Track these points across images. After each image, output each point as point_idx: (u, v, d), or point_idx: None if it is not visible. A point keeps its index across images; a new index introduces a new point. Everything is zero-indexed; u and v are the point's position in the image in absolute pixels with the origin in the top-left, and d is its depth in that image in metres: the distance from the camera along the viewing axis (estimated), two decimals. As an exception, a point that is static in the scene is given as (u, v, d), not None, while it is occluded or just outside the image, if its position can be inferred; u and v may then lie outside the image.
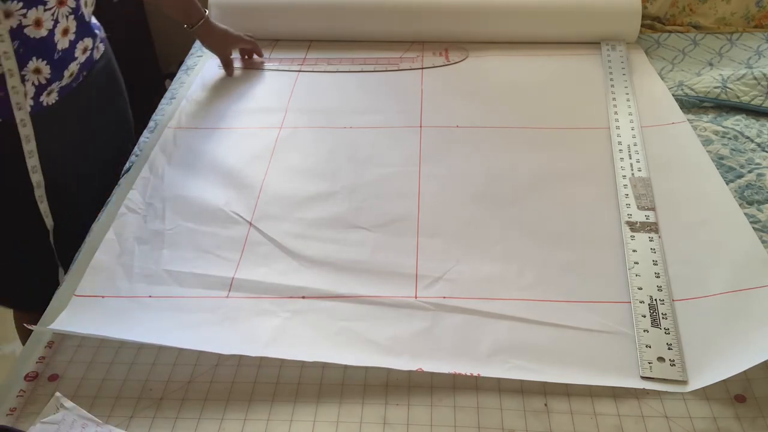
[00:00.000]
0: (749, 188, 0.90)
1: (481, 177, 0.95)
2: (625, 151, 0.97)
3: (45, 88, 0.90)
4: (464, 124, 1.05)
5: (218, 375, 0.69)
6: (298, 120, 1.08)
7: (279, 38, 1.31)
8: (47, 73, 0.89)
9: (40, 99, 0.90)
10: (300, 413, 0.65)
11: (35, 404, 0.66)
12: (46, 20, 0.85)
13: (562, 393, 0.66)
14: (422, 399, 0.66)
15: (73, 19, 0.90)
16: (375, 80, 1.18)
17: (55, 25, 0.87)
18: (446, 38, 1.27)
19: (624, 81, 1.14)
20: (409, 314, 0.75)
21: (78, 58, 0.94)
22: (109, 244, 0.84)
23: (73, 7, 0.89)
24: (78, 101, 0.97)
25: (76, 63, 0.94)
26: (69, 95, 0.95)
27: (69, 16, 0.89)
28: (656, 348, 0.69)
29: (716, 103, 1.09)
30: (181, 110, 1.11)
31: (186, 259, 0.82)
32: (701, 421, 0.63)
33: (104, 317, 0.75)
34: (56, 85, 0.91)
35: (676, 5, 1.33)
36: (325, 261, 0.82)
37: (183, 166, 0.98)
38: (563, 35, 1.26)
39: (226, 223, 0.88)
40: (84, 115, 0.99)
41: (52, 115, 0.92)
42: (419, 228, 0.86)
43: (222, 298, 0.77)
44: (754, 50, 1.23)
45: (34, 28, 0.84)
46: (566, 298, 0.76)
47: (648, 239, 0.82)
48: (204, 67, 1.23)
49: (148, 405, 0.67)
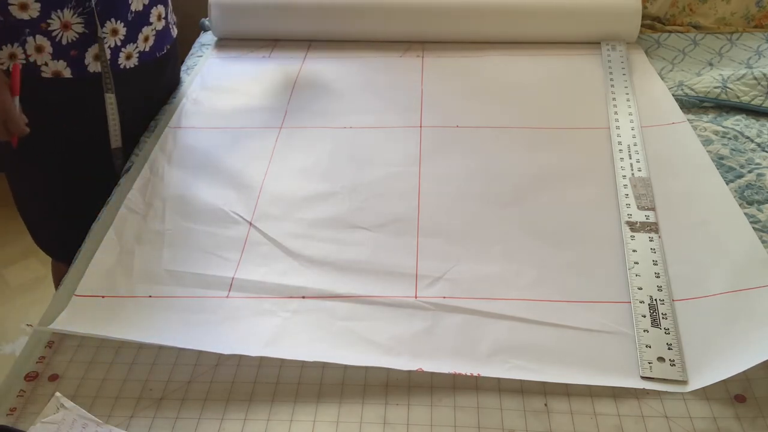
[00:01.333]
0: (749, 188, 0.90)
1: (481, 177, 0.95)
2: (625, 151, 0.97)
3: (120, 50, 0.98)
4: (464, 124, 1.05)
5: (218, 375, 0.69)
6: (298, 120, 1.08)
7: (279, 38, 1.31)
8: (122, 33, 0.97)
9: (119, 62, 0.99)
10: (300, 413, 0.65)
11: (35, 404, 0.66)
12: None
13: (562, 393, 0.66)
14: (422, 399, 0.66)
15: None
16: (375, 80, 1.18)
17: None
18: (446, 38, 1.27)
19: (624, 81, 1.14)
20: (409, 314, 0.75)
21: (153, 24, 1.03)
22: (109, 244, 0.84)
23: None
24: (154, 74, 1.08)
25: (152, 28, 1.03)
26: (148, 64, 1.04)
27: None
28: (656, 348, 0.69)
29: (716, 103, 1.09)
30: (181, 110, 1.11)
31: (186, 259, 0.82)
32: (701, 421, 0.63)
33: (104, 317, 0.75)
34: (133, 48, 1.01)
35: (676, 5, 1.33)
36: (325, 261, 0.82)
37: (183, 166, 0.98)
38: (563, 35, 1.26)
39: (226, 223, 0.88)
40: (152, 89, 1.09)
41: (128, 79, 1.02)
42: (419, 228, 0.86)
43: (222, 298, 0.78)
44: (754, 50, 1.23)
45: None
46: (566, 298, 0.76)
47: (648, 239, 0.83)
48: (204, 67, 1.23)
49: (148, 405, 0.67)
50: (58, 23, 0.92)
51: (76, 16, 0.93)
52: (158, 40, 1.06)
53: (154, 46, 1.05)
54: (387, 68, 1.21)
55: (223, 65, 1.24)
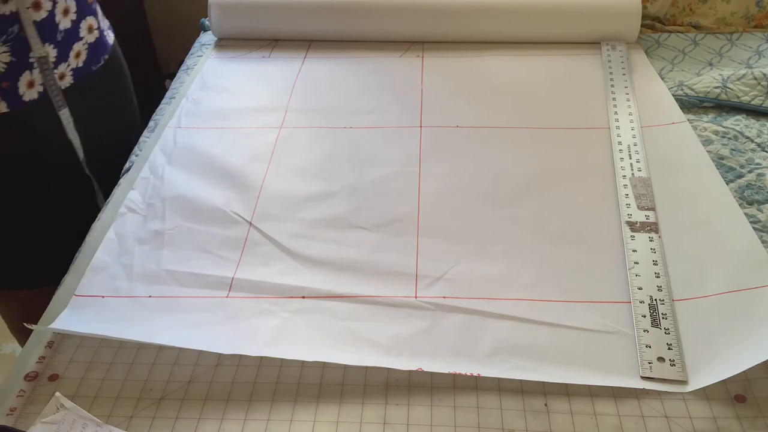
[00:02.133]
0: (749, 188, 0.90)
1: (481, 177, 0.95)
2: (625, 151, 0.97)
3: (52, 72, 0.90)
4: (464, 124, 1.05)
5: (218, 375, 0.69)
6: (298, 120, 1.08)
7: (279, 38, 1.31)
8: (53, 56, 0.90)
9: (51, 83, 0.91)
10: (300, 413, 0.65)
11: (35, 404, 0.66)
12: (44, 1, 0.85)
13: (562, 393, 0.66)
14: (422, 399, 0.66)
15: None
16: (375, 80, 1.18)
17: (54, 6, 0.87)
18: (446, 38, 1.27)
19: (624, 81, 1.14)
20: (409, 314, 0.75)
21: (84, 38, 0.94)
22: (109, 244, 0.84)
23: None
24: (95, 88, 0.99)
25: (83, 43, 0.94)
26: (85, 80, 0.96)
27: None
28: (656, 348, 0.69)
29: (716, 103, 1.09)
30: (181, 110, 1.11)
31: (186, 259, 0.82)
32: (701, 421, 0.63)
33: (104, 317, 0.75)
34: (66, 68, 0.93)
35: (676, 5, 1.33)
36: (325, 261, 0.82)
37: (183, 166, 0.98)
38: (563, 35, 1.26)
39: (226, 223, 0.88)
40: (96, 109, 1.01)
41: (66, 100, 0.94)
42: (419, 228, 0.86)
43: (222, 298, 0.78)
44: (754, 50, 1.23)
45: (34, 10, 0.85)
46: (566, 298, 0.76)
47: (648, 239, 0.83)
48: (204, 67, 1.23)
49: (148, 405, 0.67)
50: None
51: (1, 45, 0.85)
52: (92, 52, 0.99)
53: (87, 60, 0.98)
54: (387, 68, 1.21)
55: (223, 65, 1.24)
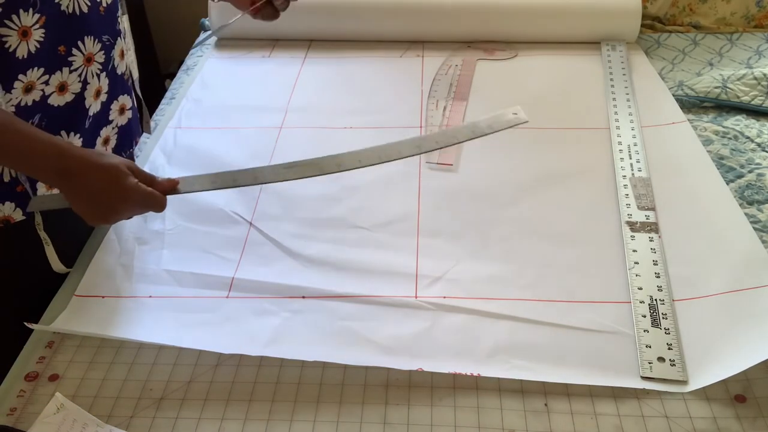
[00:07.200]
0: (749, 188, 0.90)
1: (481, 177, 0.95)
2: (625, 151, 0.97)
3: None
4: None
5: (218, 375, 0.69)
6: (298, 120, 1.08)
7: (279, 38, 1.31)
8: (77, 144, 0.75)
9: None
10: (300, 413, 0.65)
11: (35, 404, 0.66)
12: (72, 83, 0.71)
13: (562, 393, 0.66)
14: (422, 399, 0.66)
15: (105, 76, 0.76)
16: (375, 80, 1.18)
17: (85, 87, 0.73)
18: (446, 38, 1.27)
19: (624, 81, 1.14)
20: (409, 314, 0.75)
21: (114, 121, 0.80)
22: (109, 244, 0.84)
23: (101, 62, 0.75)
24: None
25: (112, 126, 0.80)
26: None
27: (100, 74, 0.75)
28: (656, 348, 0.69)
29: (716, 103, 1.09)
30: (181, 110, 1.11)
31: (186, 259, 0.82)
32: (701, 421, 0.63)
33: (104, 317, 0.75)
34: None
35: (676, 5, 1.33)
36: (325, 261, 0.82)
37: (183, 166, 0.98)
38: (563, 35, 1.26)
39: (226, 223, 0.88)
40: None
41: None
42: (419, 228, 0.86)
43: (222, 298, 0.77)
44: (754, 50, 1.23)
45: (58, 94, 0.71)
46: (566, 298, 0.76)
47: (648, 239, 0.82)
48: (204, 67, 1.23)
49: (148, 405, 0.67)
50: None
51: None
52: (122, 137, 0.84)
53: (117, 147, 0.84)
54: (387, 68, 1.21)
55: (223, 65, 1.24)
